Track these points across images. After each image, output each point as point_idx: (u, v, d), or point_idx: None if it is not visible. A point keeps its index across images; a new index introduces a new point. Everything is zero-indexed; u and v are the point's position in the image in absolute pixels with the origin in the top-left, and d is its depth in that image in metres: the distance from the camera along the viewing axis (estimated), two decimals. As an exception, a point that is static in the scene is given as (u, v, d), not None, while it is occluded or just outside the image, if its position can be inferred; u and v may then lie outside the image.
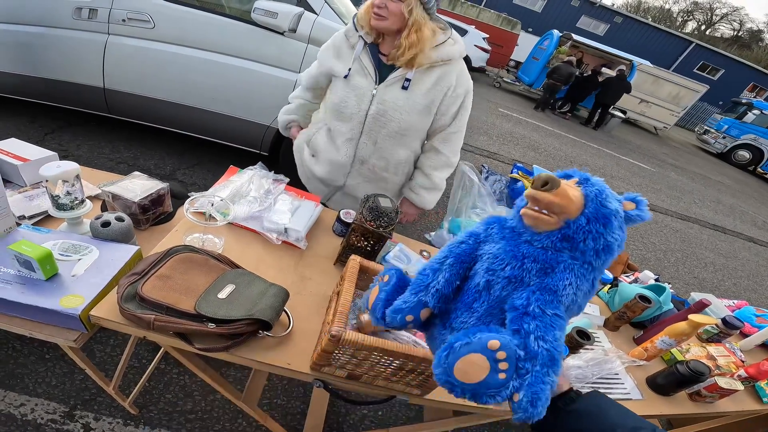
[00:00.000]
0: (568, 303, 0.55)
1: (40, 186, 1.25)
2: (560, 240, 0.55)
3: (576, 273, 0.55)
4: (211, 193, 1.22)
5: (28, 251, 0.87)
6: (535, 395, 0.49)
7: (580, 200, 0.54)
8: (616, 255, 0.56)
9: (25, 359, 1.57)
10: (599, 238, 0.53)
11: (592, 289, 0.57)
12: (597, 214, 0.53)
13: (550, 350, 0.51)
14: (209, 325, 0.86)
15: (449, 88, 1.40)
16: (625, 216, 0.55)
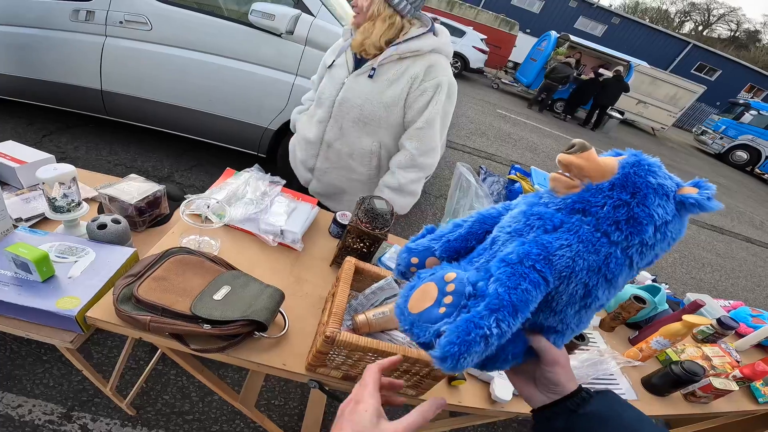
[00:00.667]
0: (561, 268, 0.48)
1: (37, 188, 1.25)
2: (576, 202, 0.50)
3: (581, 237, 0.48)
4: (207, 196, 1.22)
5: (24, 253, 0.88)
6: (457, 331, 0.44)
7: (610, 166, 0.48)
8: (651, 236, 0.46)
9: (22, 360, 1.57)
10: (621, 206, 0.46)
11: (604, 269, 0.48)
12: (626, 181, 0.47)
13: (501, 295, 0.45)
14: (204, 326, 0.86)
15: (414, 80, 1.36)
16: (679, 200, 0.46)
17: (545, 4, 21.65)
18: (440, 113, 1.40)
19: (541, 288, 0.47)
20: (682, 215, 0.47)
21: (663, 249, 0.48)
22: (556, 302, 0.51)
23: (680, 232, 0.48)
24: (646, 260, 0.49)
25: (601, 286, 0.49)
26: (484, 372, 1.12)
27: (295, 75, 2.65)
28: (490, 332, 0.44)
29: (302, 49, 2.59)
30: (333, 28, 2.58)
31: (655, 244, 0.47)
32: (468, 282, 0.49)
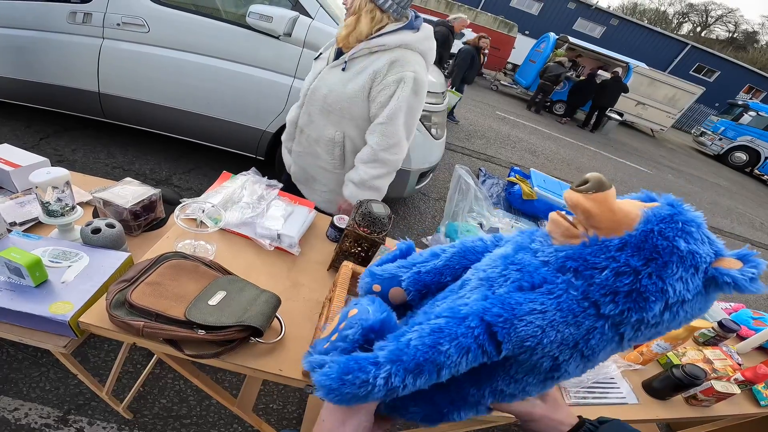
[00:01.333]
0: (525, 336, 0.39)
1: (31, 192, 1.24)
2: (570, 258, 0.39)
3: (561, 305, 0.39)
4: (203, 200, 1.21)
5: (17, 258, 0.87)
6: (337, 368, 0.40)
7: (629, 218, 0.37)
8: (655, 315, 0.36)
9: (19, 364, 1.56)
10: (627, 275, 0.36)
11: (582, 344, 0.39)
12: (645, 242, 0.36)
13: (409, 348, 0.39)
14: (199, 332, 0.85)
15: (377, 75, 1.35)
16: (711, 276, 0.35)
17: (544, 6, 21.70)
18: (404, 109, 1.37)
19: (470, 357, 0.40)
20: (709, 293, 0.37)
21: (671, 329, 0.39)
22: (515, 370, 0.43)
23: (700, 311, 0.38)
24: (642, 337, 0.40)
25: (574, 361, 0.41)
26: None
27: (293, 77, 2.65)
28: (374, 382, 0.39)
29: (300, 51, 2.58)
30: (331, 29, 2.57)
31: (660, 324, 0.38)
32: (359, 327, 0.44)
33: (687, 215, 0.37)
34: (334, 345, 0.45)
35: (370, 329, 0.44)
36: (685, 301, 0.36)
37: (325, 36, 2.55)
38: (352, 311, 0.47)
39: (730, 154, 14.18)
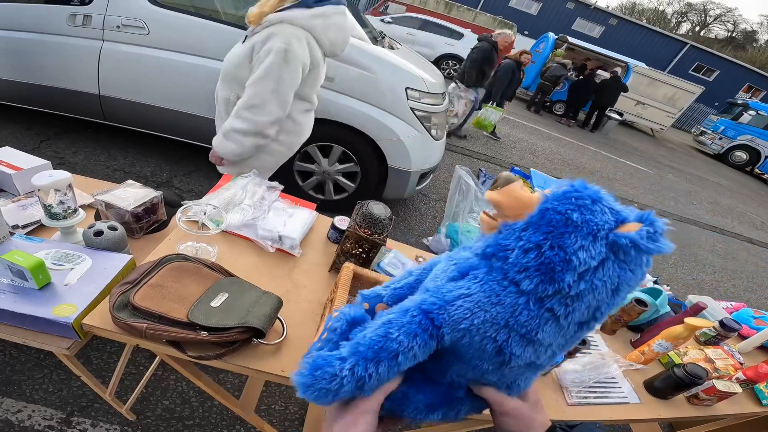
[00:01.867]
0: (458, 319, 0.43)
1: (33, 195, 1.25)
2: (488, 246, 0.45)
3: (484, 286, 0.43)
4: (204, 202, 1.21)
5: (20, 261, 0.88)
6: (309, 366, 0.45)
7: (529, 201, 0.42)
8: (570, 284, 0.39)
9: (22, 366, 1.56)
10: (532, 250, 0.40)
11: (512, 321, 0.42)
12: (542, 218, 0.40)
13: (364, 341, 0.45)
14: (202, 333, 0.85)
15: (255, 45, 1.48)
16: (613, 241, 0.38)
17: (543, 6, 21.72)
18: (270, 76, 1.46)
19: (418, 340, 0.44)
20: (620, 259, 0.39)
21: (602, 301, 0.41)
22: (467, 356, 0.47)
23: (623, 279, 0.39)
24: (579, 313, 0.42)
25: (515, 342, 0.43)
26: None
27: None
28: (340, 373, 0.43)
29: (300, 53, 2.59)
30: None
31: (582, 295, 0.40)
32: (344, 318, 0.49)
33: (581, 192, 0.41)
34: (325, 340, 0.51)
35: (353, 321, 0.51)
36: (595, 269, 0.39)
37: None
38: (335, 314, 0.54)
39: (730, 153, 14.17)
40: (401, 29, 11.27)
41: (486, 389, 0.51)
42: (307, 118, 1.79)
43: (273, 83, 1.47)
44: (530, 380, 0.53)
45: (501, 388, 0.51)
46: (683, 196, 7.78)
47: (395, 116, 2.72)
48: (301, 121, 1.75)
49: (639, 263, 0.39)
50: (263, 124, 1.55)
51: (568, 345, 0.46)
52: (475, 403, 0.54)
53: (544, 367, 0.50)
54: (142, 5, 2.53)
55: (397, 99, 2.69)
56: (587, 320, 0.43)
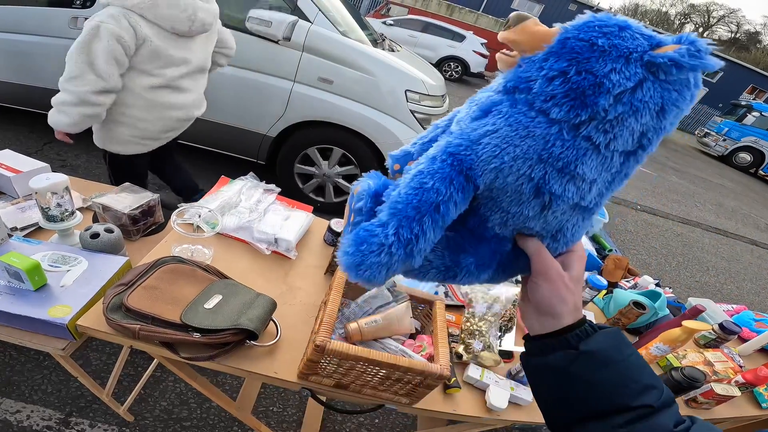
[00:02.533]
0: (487, 158, 0.40)
1: (31, 198, 1.26)
2: (508, 81, 0.42)
3: (509, 119, 0.40)
4: (200, 205, 1.22)
5: (16, 263, 0.89)
6: (352, 241, 0.42)
7: (545, 34, 0.40)
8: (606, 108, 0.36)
9: (21, 366, 1.58)
10: (557, 78, 0.37)
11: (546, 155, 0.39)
12: (564, 47, 0.38)
13: (401, 198, 0.41)
14: (194, 335, 0.86)
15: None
16: (647, 61, 0.35)
17: (545, 8, 21.67)
18: (82, 50, 1.55)
19: (455, 184, 0.41)
20: (660, 79, 0.36)
21: (647, 125, 0.38)
22: (504, 201, 0.43)
23: (668, 100, 0.37)
24: (622, 140, 0.39)
25: (553, 179, 0.40)
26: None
27: (292, 81, 2.66)
28: (386, 240, 0.40)
29: (299, 56, 2.60)
30: (330, 33, 2.59)
31: (622, 118, 0.37)
32: (366, 194, 0.45)
33: (606, 21, 0.38)
34: (354, 224, 0.46)
35: (376, 194, 0.46)
36: (632, 90, 0.36)
37: (323, 40, 2.57)
38: (356, 189, 0.49)
39: (734, 155, 14.08)
40: (403, 32, 11.29)
41: (528, 240, 0.46)
42: (158, 95, 1.80)
43: (86, 56, 1.55)
44: (578, 229, 0.47)
45: (546, 238, 0.47)
46: (687, 198, 7.74)
47: (395, 119, 2.73)
48: (150, 97, 1.78)
49: (684, 83, 0.37)
50: (85, 94, 1.60)
51: (616, 181, 0.43)
52: (523, 259, 0.49)
53: (593, 211, 0.45)
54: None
55: (397, 101, 2.70)
56: (633, 150, 0.40)
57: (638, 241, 4.86)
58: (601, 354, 0.43)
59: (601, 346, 0.44)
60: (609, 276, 1.86)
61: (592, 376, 0.43)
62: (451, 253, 0.48)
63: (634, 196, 6.55)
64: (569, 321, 0.45)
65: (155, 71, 1.75)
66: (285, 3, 2.60)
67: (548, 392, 0.48)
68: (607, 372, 0.43)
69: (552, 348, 0.46)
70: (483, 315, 1.19)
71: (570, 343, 0.44)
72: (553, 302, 0.46)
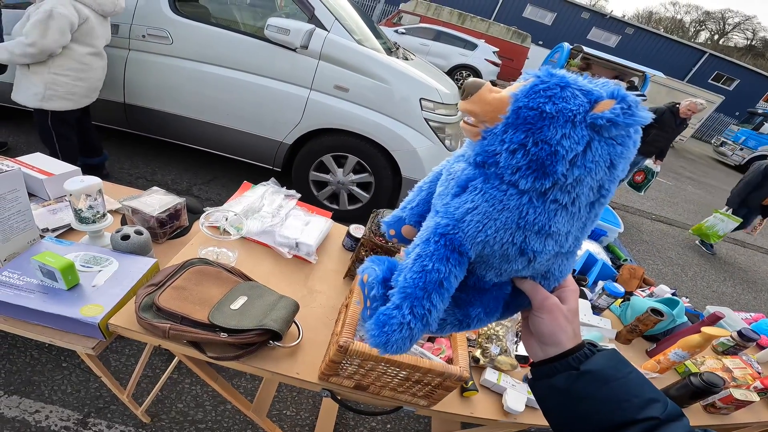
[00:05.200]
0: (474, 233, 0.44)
1: (63, 200, 1.30)
2: (478, 154, 0.45)
3: (485, 196, 0.43)
4: (226, 208, 1.25)
5: (51, 262, 0.92)
6: (375, 324, 0.47)
7: (500, 103, 0.42)
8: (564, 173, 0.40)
9: (42, 367, 1.61)
10: (518, 150, 0.40)
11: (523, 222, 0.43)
12: (518, 117, 0.40)
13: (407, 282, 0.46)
14: (222, 335, 0.88)
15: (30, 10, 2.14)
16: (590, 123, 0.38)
17: (557, 16, 21.66)
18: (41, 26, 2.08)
19: (452, 261, 0.45)
20: (604, 137, 0.39)
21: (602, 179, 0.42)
22: (495, 264, 0.48)
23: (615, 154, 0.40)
24: (584, 196, 0.43)
25: (533, 240, 0.44)
26: (495, 384, 1.12)
27: (309, 89, 2.71)
28: (404, 319, 0.45)
29: (316, 64, 2.65)
30: (346, 42, 2.63)
31: (581, 178, 0.40)
32: (376, 282, 0.51)
33: (548, 81, 0.40)
34: (372, 309, 0.52)
35: (384, 280, 0.52)
36: (583, 152, 0.39)
37: (339, 48, 2.61)
38: (364, 277, 0.54)
39: (752, 164, 13.81)
40: (415, 40, 11.35)
41: (524, 281, 0.52)
42: (94, 60, 2.41)
43: (38, 29, 2.08)
44: (565, 268, 0.52)
45: (537, 278, 0.52)
46: (703, 208, 7.62)
47: (409, 127, 2.75)
48: (88, 61, 2.37)
49: (625, 136, 0.40)
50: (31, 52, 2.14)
51: (588, 225, 0.47)
52: (523, 296, 0.54)
53: (573, 253, 0.50)
54: (167, 15, 2.63)
55: (412, 109, 2.72)
56: (596, 199, 0.44)
57: (654, 251, 4.80)
58: (601, 372, 0.47)
59: (601, 366, 0.47)
60: (625, 285, 1.85)
61: (594, 394, 0.46)
62: (460, 310, 0.54)
63: (649, 206, 6.47)
64: (570, 345, 0.50)
65: (93, 42, 2.34)
66: (302, 12, 2.66)
67: (557, 413, 0.51)
68: (608, 389, 0.46)
69: (555, 370, 0.49)
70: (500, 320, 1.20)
71: (571, 365, 0.48)
72: (554, 332, 0.50)
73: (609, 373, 0.47)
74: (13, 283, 0.94)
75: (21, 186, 0.98)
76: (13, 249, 1.02)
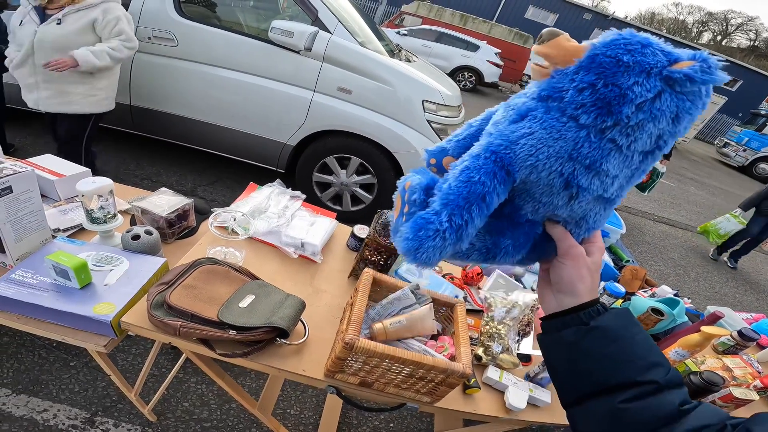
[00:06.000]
0: (524, 156, 0.46)
1: (73, 201, 1.33)
2: (543, 89, 0.47)
3: (544, 124, 0.46)
4: (234, 209, 1.28)
5: (65, 261, 0.94)
6: (411, 229, 0.47)
7: (576, 50, 0.45)
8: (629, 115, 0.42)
9: (50, 366, 1.63)
10: (586, 89, 0.43)
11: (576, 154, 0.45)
12: (593, 62, 0.43)
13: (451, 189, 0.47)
14: (231, 332, 0.90)
15: (96, 20, 2.15)
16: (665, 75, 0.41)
17: (559, 17, 21.64)
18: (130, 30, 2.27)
19: (498, 178, 0.47)
20: (676, 91, 0.41)
21: (663, 129, 0.44)
22: (537, 192, 0.49)
23: (682, 108, 0.42)
24: (641, 142, 0.45)
25: (581, 174, 0.46)
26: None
27: (313, 91, 2.73)
28: (441, 227, 0.46)
29: (320, 66, 2.67)
30: (349, 44, 2.65)
31: (642, 124, 0.43)
32: (419, 188, 0.51)
33: (630, 38, 0.43)
34: (409, 213, 0.52)
35: (427, 186, 0.53)
36: (652, 100, 0.41)
37: (343, 50, 2.64)
38: (407, 183, 0.55)
39: (755, 166, 13.75)
40: (417, 41, 11.39)
41: (555, 226, 0.53)
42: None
43: (131, 32, 2.26)
44: (600, 218, 0.54)
45: (570, 224, 0.53)
46: (706, 210, 7.61)
47: (412, 128, 2.77)
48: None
49: (697, 94, 0.42)
50: (129, 54, 2.32)
51: (635, 176, 0.49)
52: (551, 244, 0.55)
53: (614, 202, 0.52)
54: (172, 17, 2.66)
55: (414, 111, 2.75)
56: (651, 150, 0.46)
57: (656, 252, 4.81)
58: (611, 330, 0.48)
59: (611, 324, 0.48)
60: (626, 286, 1.87)
61: (601, 351, 0.47)
62: (492, 237, 0.54)
63: (652, 207, 6.47)
64: (586, 299, 0.50)
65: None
66: (306, 14, 2.68)
67: (562, 366, 0.52)
68: (615, 347, 0.47)
69: (566, 324, 0.50)
70: (502, 319, 1.22)
71: (582, 320, 0.49)
72: (573, 280, 0.51)
73: (618, 332, 0.48)
74: (26, 282, 0.97)
75: (34, 187, 1.01)
76: (26, 248, 1.05)
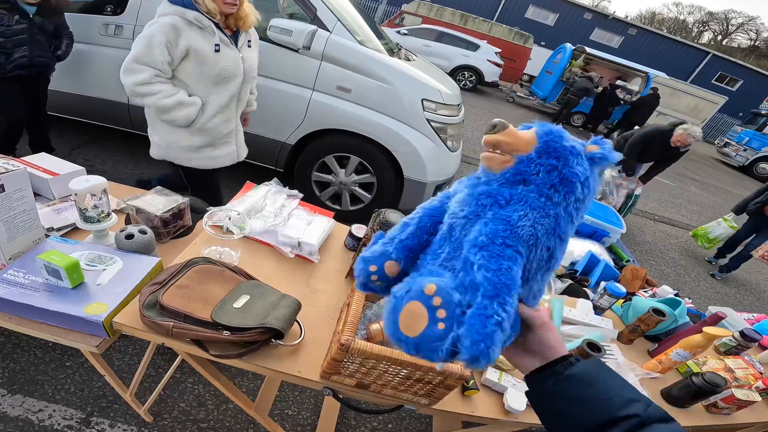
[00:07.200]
0: (527, 237, 0.51)
1: (68, 199, 1.31)
2: (514, 174, 0.53)
3: (532, 205, 0.51)
4: (229, 208, 1.26)
5: (56, 260, 0.93)
6: (474, 330, 0.45)
7: (530, 137, 0.53)
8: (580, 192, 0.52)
9: (45, 366, 1.62)
10: (552, 170, 0.51)
11: (557, 229, 0.52)
12: (548, 148, 0.52)
13: (492, 280, 0.47)
14: (224, 333, 0.89)
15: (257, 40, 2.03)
16: (589, 157, 0.52)
17: (559, 17, 21.60)
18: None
19: (518, 261, 0.50)
20: (593, 170, 0.52)
21: (590, 201, 0.54)
22: (527, 270, 0.53)
23: (596, 186, 0.53)
24: (581, 215, 0.54)
25: (558, 247, 0.54)
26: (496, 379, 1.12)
27: (312, 90, 2.71)
28: (500, 317, 0.46)
29: (319, 64, 2.65)
30: (348, 43, 2.64)
31: (585, 198, 0.52)
32: (453, 291, 0.50)
33: (556, 128, 0.54)
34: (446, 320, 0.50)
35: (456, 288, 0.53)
36: (588, 177, 0.52)
37: (341, 49, 2.62)
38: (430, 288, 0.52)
39: (755, 165, 13.71)
40: (417, 41, 11.36)
41: (522, 307, 0.56)
42: None
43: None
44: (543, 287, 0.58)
45: (528, 299, 0.57)
46: (707, 209, 7.59)
47: (412, 127, 2.76)
48: None
49: (600, 171, 0.54)
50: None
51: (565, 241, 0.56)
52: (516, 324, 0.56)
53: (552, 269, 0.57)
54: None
55: (414, 110, 2.73)
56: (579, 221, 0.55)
57: (657, 252, 4.79)
58: (584, 376, 0.54)
59: (583, 371, 0.54)
60: (627, 286, 1.85)
61: (580, 394, 0.53)
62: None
63: (652, 207, 6.45)
64: (564, 352, 0.57)
65: None
66: (305, 13, 2.67)
67: (549, 416, 0.57)
68: (592, 389, 0.53)
69: (545, 377, 0.56)
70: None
71: (558, 371, 0.55)
72: (551, 343, 0.57)
73: (591, 376, 0.54)
74: (18, 282, 0.95)
75: (27, 185, 0.99)
76: (18, 248, 1.03)
